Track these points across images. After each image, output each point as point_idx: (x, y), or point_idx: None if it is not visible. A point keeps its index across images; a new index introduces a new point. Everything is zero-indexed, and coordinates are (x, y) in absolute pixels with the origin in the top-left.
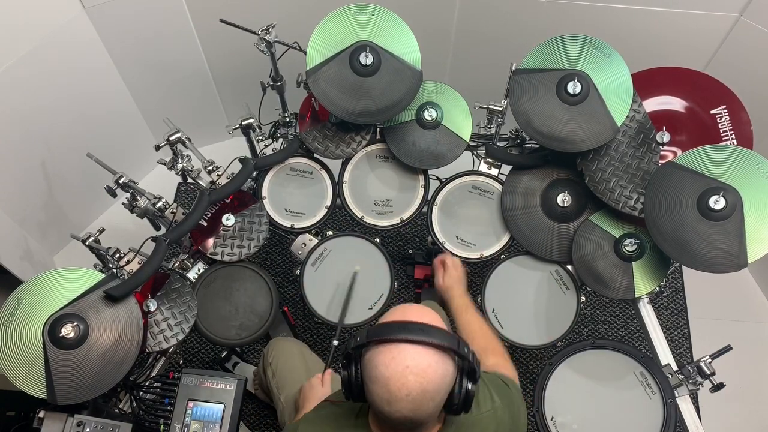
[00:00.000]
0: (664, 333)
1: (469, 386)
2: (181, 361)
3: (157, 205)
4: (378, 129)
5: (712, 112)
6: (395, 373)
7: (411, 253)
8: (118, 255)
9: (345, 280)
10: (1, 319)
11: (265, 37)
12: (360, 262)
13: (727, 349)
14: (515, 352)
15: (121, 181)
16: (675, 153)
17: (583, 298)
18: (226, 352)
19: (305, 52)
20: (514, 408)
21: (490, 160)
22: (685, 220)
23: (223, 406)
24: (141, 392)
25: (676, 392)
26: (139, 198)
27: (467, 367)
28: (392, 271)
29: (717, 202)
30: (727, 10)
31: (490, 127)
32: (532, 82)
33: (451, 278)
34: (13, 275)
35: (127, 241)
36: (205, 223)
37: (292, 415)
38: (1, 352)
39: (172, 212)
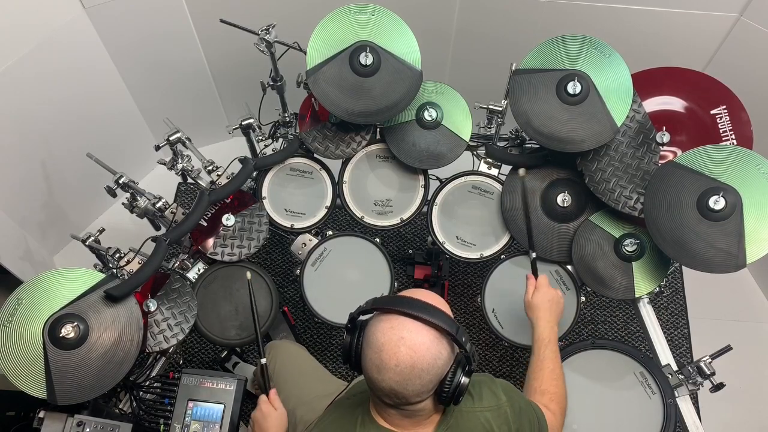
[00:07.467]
0: (664, 333)
1: (462, 378)
2: (181, 361)
3: (157, 205)
4: (378, 129)
5: (712, 112)
6: (389, 341)
7: (411, 253)
8: (118, 255)
9: (344, 280)
10: (1, 320)
11: (265, 37)
12: (360, 262)
13: (727, 349)
14: (515, 352)
15: (121, 181)
16: (675, 153)
17: (583, 298)
18: (226, 352)
19: (305, 52)
20: (519, 412)
21: (490, 160)
22: (684, 220)
23: (223, 406)
24: (141, 392)
25: (676, 392)
26: (139, 198)
27: (463, 358)
28: (392, 271)
29: (717, 202)
30: (727, 10)
31: (490, 127)
32: (532, 82)
33: (543, 296)
34: (13, 275)
35: (127, 241)
36: (205, 223)
37: (291, 417)
38: (1, 352)
39: (172, 212)
